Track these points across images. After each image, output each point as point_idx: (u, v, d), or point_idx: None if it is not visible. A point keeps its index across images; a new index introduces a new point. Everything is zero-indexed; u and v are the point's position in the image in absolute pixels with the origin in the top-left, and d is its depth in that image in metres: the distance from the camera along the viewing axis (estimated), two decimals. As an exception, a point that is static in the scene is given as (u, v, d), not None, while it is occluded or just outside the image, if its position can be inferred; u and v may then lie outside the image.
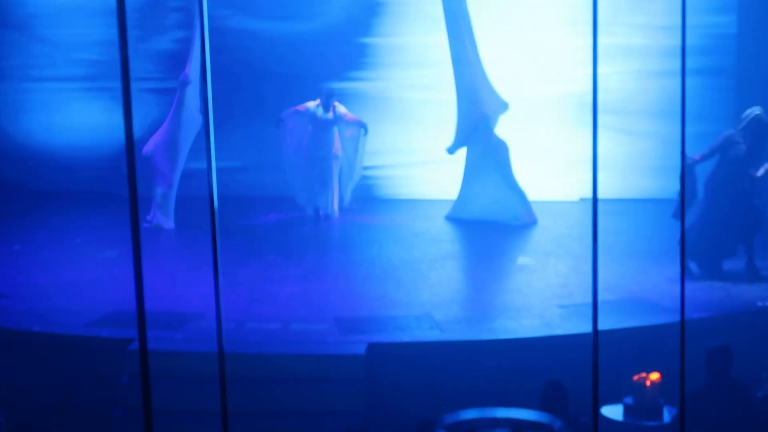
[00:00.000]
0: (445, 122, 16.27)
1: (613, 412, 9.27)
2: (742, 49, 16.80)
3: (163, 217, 15.61)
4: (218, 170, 3.50)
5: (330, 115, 15.99)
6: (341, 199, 16.41)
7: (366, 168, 16.81)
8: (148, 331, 3.10)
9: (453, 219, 16.18)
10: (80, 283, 12.73)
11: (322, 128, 16.00)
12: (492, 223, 15.71)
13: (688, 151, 12.28)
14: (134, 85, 3.24)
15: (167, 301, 11.71)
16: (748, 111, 12.73)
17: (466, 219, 15.99)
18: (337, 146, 16.14)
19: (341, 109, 16.12)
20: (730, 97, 16.78)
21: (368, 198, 17.54)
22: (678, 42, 16.62)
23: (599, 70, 3.47)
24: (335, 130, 16.08)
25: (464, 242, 15.28)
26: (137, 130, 5.16)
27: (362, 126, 16.16)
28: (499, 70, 16.45)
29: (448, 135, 16.03)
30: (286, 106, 16.42)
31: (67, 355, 10.79)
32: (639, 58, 17.47)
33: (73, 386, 10.64)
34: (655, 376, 9.12)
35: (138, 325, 3.09)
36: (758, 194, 12.75)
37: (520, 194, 15.99)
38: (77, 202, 17.55)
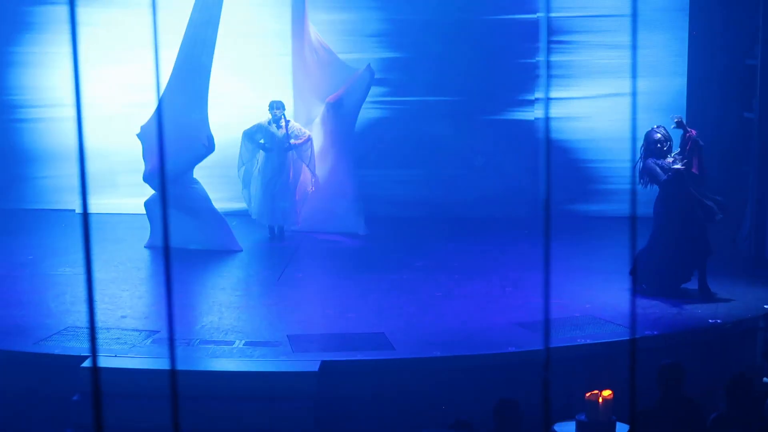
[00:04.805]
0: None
1: (566, 429, 9.29)
2: (693, 67, 16.89)
3: None
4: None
5: (282, 131, 15.83)
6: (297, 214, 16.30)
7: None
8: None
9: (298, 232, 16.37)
10: (32, 300, 12.62)
11: (276, 144, 15.85)
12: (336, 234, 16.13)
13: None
14: None
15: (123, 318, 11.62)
16: None
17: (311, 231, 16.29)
18: (292, 161, 16.01)
19: (294, 124, 16.00)
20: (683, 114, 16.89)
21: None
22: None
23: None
24: (289, 144, 15.87)
25: (413, 258, 15.16)
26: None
27: (309, 138, 16.06)
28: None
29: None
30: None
31: (19, 372, 10.69)
32: (592, 79, 17.56)
33: (25, 404, 10.55)
34: (607, 392, 9.15)
35: (90, 343, 3.08)
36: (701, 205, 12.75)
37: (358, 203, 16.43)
38: (29, 219, 17.46)
